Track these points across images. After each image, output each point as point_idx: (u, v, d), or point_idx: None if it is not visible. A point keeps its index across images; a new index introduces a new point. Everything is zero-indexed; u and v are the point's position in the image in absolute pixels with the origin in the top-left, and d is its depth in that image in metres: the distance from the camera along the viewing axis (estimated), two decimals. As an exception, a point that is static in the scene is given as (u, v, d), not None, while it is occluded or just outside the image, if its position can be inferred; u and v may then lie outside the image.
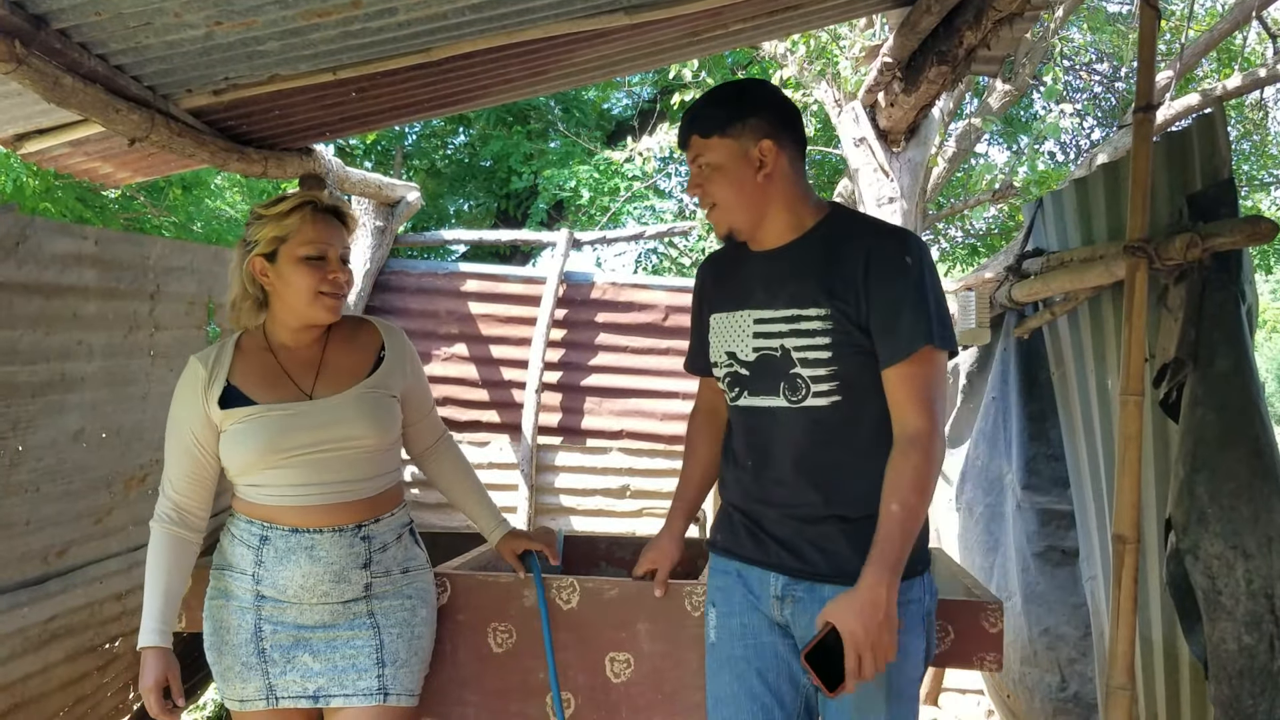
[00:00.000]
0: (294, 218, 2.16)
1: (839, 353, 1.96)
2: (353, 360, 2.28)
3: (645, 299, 5.85)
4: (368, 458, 2.23)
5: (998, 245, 10.82)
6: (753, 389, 2.07)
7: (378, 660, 2.20)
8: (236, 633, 2.20)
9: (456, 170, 11.49)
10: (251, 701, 2.20)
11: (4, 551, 2.87)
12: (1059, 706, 3.36)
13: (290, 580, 2.16)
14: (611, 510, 5.74)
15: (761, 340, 2.05)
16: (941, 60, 3.68)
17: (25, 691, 3.09)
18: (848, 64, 5.96)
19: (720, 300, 2.16)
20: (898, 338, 1.92)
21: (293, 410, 2.16)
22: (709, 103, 2.08)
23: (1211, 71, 9.84)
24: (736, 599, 2.10)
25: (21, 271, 2.77)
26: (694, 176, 2.08)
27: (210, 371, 2.18)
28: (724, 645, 2.11)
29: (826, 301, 1.96)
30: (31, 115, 2.94)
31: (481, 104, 4.20)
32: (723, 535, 2.17)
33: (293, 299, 2.18)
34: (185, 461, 2.19)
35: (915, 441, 1.90)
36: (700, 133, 2.04)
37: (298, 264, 2.16)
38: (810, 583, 2.00)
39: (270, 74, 2.89)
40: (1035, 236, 3.57)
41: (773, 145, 2.01)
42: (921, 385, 1.92)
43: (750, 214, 2.04)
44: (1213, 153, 2.46)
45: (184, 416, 2.20)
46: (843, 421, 1.98)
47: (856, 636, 1.80)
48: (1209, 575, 2.26)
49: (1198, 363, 2.33)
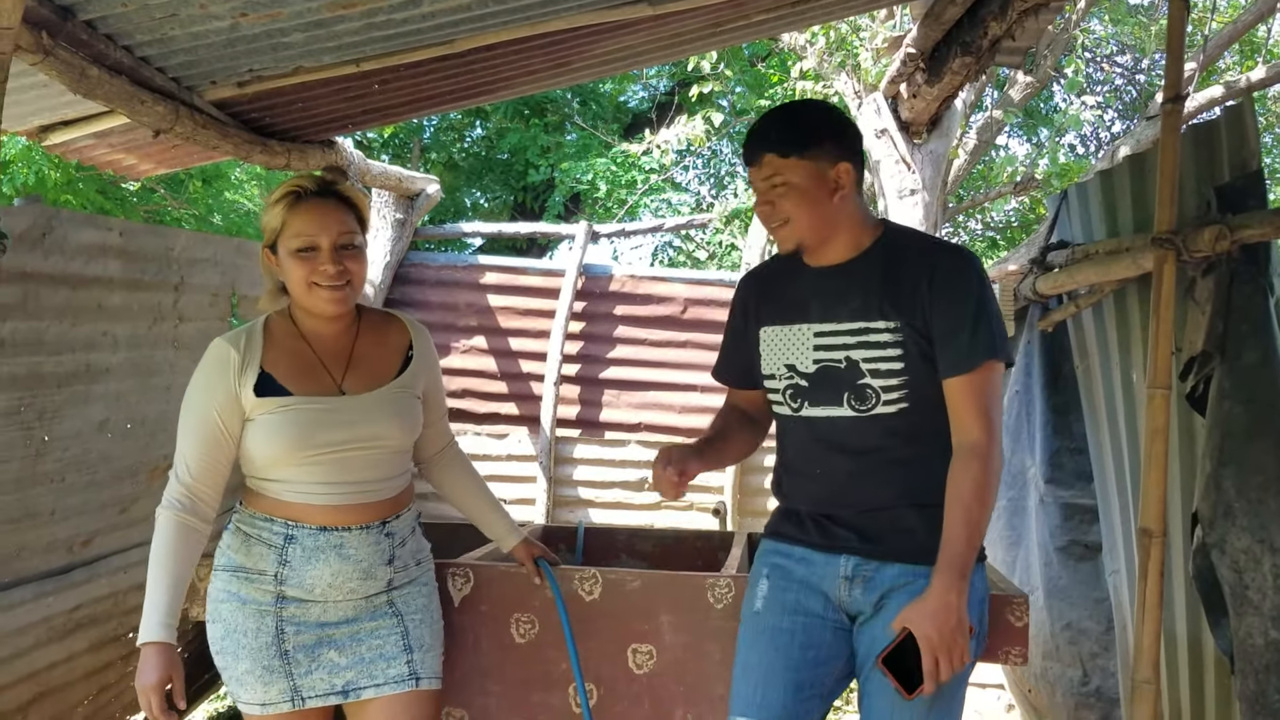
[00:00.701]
0: (278, 209, 2.10)
1: (909, 363, 2.04)
2: (383, 357, 2.23)
3: (664, 291, 5.85)
4: (392, 458, 2.20)
5: (1018, 238, 10.76)
6: (814, 400, 2.12)
7: (405, 647, 2.17)
8: (255, 636, 2.10)
9: (474, 163, 11.51)
10: (275, 705, 2.10)
11: (30, 541, 2.90)
12: (1080, 701, 3.34)
13: (318, 579, 2.11)
14: (630, 503, 5.74)
15: (823, 353, 2.10)
16: (965, 51, 3.66)
17: (50, 680, 3.11)
18: (868, 55, 5.93)
19: (772, 314, 2.20)
20: (961, 350, 2.01)
21: (326, 405, 2.10)
22: (785, 122, 2.11)
23: (1234, 64, 9.75)
24: (797, 576, 2.13)
25: (48, 263, 2.79)
26: (765, 194, 2.09)
27: (243, 356, 2.09)
28: (770, 615, 2.12)
29: (894, 315, 2.04)
30: (56, 107, 2.96)
31: (503, 96, 4.21)
32: (788, 527, 2.20)
33: (293, 289, 2.14)
34: (206, 447, 2.08)
35: (976, 452, 1.99)
36: (779, 152, 2.06)
37: (290, 256, 2.09)
38: (880, 562, 2.06)
39: (294, 66, 2.90)
40: (1060, 229, 3.55)
41: (850, 168, 2.07)
42: (982, 396, 2.01)
43: (821, 233, 2.09)
44: (1241, 144, 2.43)
45: (209, 400, 2.09)
46: (909, 426, 2.06)
47: (932, 641, 1.90)
48: (1236, 570, 2.24)
49: (1225, 356, 2.31)
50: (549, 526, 3.47)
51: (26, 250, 2.70)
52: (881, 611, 2.06)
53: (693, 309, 5.83)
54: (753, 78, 9.51)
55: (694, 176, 12.46)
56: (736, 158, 12.20)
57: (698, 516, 5.70)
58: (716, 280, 5.97)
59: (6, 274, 2.62)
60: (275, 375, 2.10)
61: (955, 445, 2.02)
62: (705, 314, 5.83)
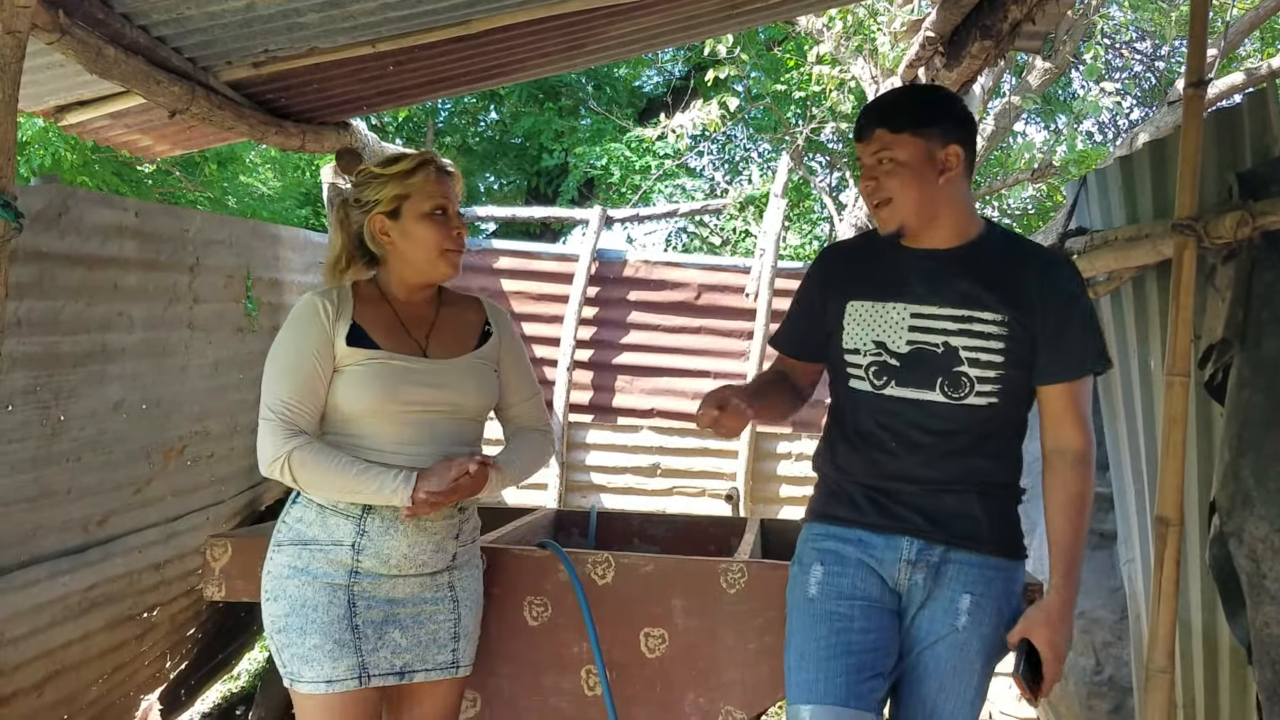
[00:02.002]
0: (419, 176, 2.17)
1: (1009, 358, 2.03)
2: (463, 328, 2.29)
3: (678, 277, 5.83)
4: (469, 426, 2.25)
5: (1035, 226, 10.70)
6: (902, 380, 2.09)
7: (454, 634, 2.22)
8: (327, 610, 2.09)
9: (488, 147, 11.49)
10: (342, 681, 2.09)
11: (45, 520, 2.91)
12: (1093, 690, 3.33)
13: (395, 550, 2.14)
14: (642, 488, 5.74)
15: (919, 334, 2.08)
16: (985, 35, 3.62)
17: (65, 658, 3.13)
18: (886, 39, 5.89)
19: (863, 290, 2.16)
20: (1068, 358, 2.03)
21: (412, 364, 2.16)
22: (903, 100, 2.15)
23: (1255, 51, 9.66)
24: (852, 561, 2.11)
25: (64, 242, 2.79)
26: (870, 169, 2.08)
27: (336, 306, 2.14)
28: (826, 601, 2.09)
29: (1004, 309, 2.03)
30: (72, 87, 2.96)
31: (518, 78, 4.20)
32: (840, 508, 2.16)
33: (417, 255, 2.18)
34: (304, 387, 2.09)
35: (1080, 459, 2.03)
36: (890, 127, 2.05)
37: (422, 220, 2.16)
38: (945, 547, 2.07)
39: (310, 46, 2.89)
40: (1078, 215, 3.52)
41: (959, 151, 2.06)
42: (1082, 404, 2.05)
43: (924, 214, 2.07)
44: (1264, 130, 2.41)
45: (304, 344, 2.11)
46: (993, 418, 2.07)
47: (1058, 648, 2.00)
48: (1253, 559, 2.23)
49: (1245, 344, 2.30)
50: (561, 511, 3.47)
51: (42, 230, 2.70)
52: (935, 598, 2.06)
53: (706, 295, 5.82)
54: (769, 62, 9.46)
55: (708, 162, 12.43)
56: (751, 143, 12.17)
57: (711, 502, 5.71)
58: (730, 266, 5.96)
59: (23, 253, 2.62)
60: (365, 328, 2.15)
61: (1053, 451, 2.06)
62: (719, 300, 5.82)
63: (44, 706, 3.10)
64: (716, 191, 11.42)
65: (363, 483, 2.06)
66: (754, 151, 12.42)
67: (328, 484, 2.08)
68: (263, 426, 2.10)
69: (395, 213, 2.17)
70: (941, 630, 2.05)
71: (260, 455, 2.10)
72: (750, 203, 8.59)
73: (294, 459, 2.06)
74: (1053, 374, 2.04)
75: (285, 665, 2.12)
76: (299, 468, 2.06)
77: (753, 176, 11.89)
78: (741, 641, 2.40)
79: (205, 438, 3.63)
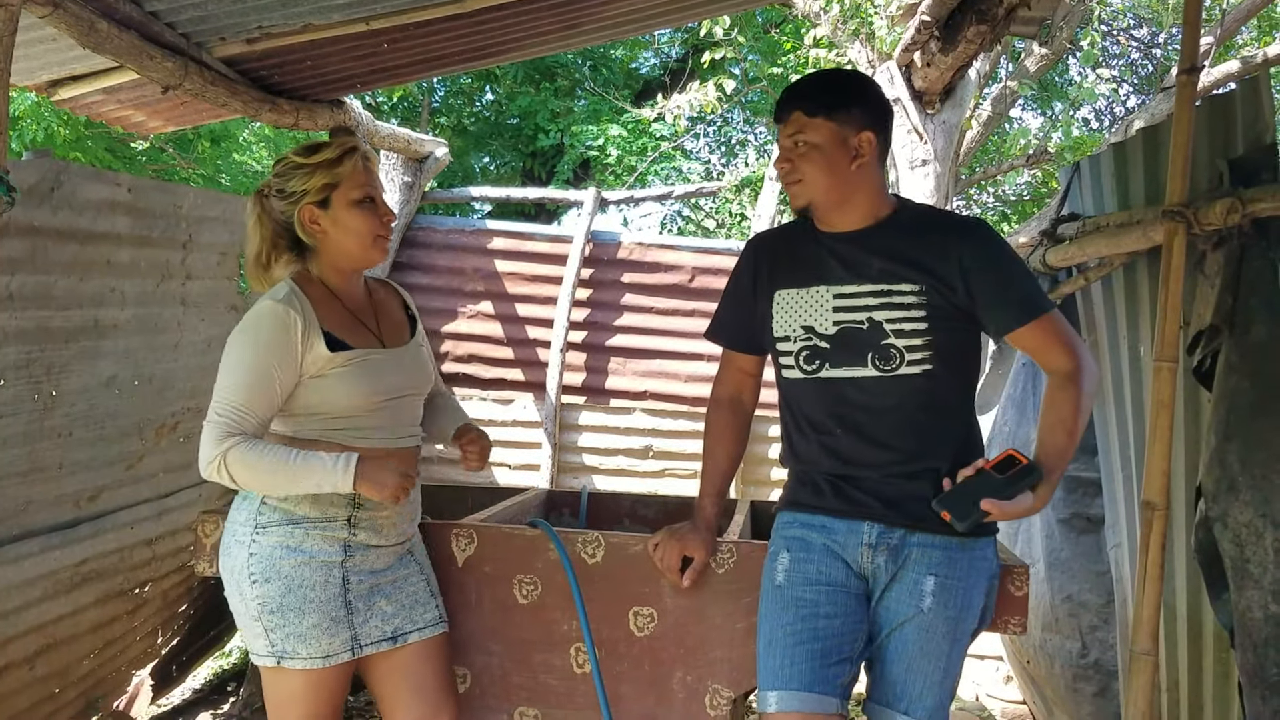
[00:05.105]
0: (347, 164, 2.18)
1: (934, 324, 2.08)
2: (395, 313, 2.37)
3: (672, 259, 5.83)
4: (420, 404, 2.35)
5: (1029, 212, 10.70)
6: (835, 361, 2.15)
7: (430, 592, 2.34)
8: (323, 589, 2.14)
9: (483, 127, 11.46)
10: (337, 655, 2.15)
11: (37, 495, 2.91)
12: (1079, 673, 3.36)
13: (386, 520, 2.23)
14: (634, 470, 5.75)
15: (844, 314, 2.14)
16: (981, 19, 3.63)
17: (56, 633, 3.14)
18: (883, 23, 5.87)
19: (786, 278, 2.22)
20: (1021, 304, 2.08)
21: (381, 355, 2.22)
22: (818, 84, 2.18)
23: (1251, 39, 9.65)
24: (817, 546, 2.16)
25: (57, 217, 2.78)
26: (786, 151, 2.14)
27: (304, 317, 2.11)
28: (793, 588, 2.15)
29: (920, 278, 2.08)
30: (66, 61, 2.95)
31: (512, 57, 4.18)
32: (805, 495, 2.23)
33: (350, 243, 2.19)
34: (258, 399, 2.06)
35: (1071, 377, 2.07)
36: (806, 111, 2.10)
37: (352, 208, 2.17)
38: (906, 531, 2.11)
39: (304, 23, 2.88)
40: (1071, 201, 3.53)
41: (872, 138, 2.11)
42: (1060, 331, 2.10)
43: (833, 196, 2.13)
44: (1256, 117, 2.41)
45: (267, 358, 2.07)
46: (931, 389, 2.11)
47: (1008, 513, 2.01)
48: (1237, 544, 2.24)
49: (1233, 330, 2.30)
50: (553, 491, 3.48)
51: (35, 204, 2.69)
52: (899, 580, 2.11)
53: (700, 278, 5.82)
54: (766, 45, 9.44)
55: (704, 144, 12.39)
56: (748, 126, 12.13)
57: (701, 484, 5.71)
58: (725, 249, 5.95)
59: (15, 228, 2.62)
60: (334, 332, 2.17)
61: (1050, 376, 2.11)
62: (713, 283, 5.81)
63: (35, 680, 3.11)
64: (712, 174, 11.39)
65: (305, 471, 2.06)
66: (750, 134, 12.39)
67: (268, 477, 2.06)
68: (207, 429, 2.07)
69: (325, 202, 2.17)
70: (907, 612, 2.10)
71: (200, 457, 2.07)
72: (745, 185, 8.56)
73: (230, 457, 2.03)
74: (1014, 320, 2.08)
75: (275, 645, 2.13)
76: (235, 465, 2.03)
77: (748, 159, 11.86)
78: (729, 621, 2.42)
79: (197, 414, 3.63)
